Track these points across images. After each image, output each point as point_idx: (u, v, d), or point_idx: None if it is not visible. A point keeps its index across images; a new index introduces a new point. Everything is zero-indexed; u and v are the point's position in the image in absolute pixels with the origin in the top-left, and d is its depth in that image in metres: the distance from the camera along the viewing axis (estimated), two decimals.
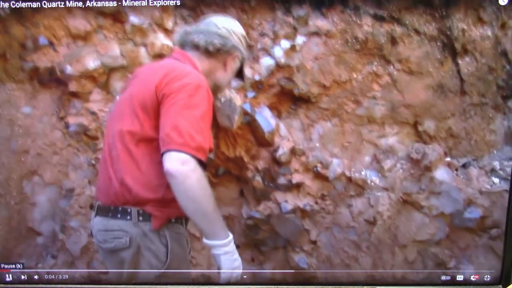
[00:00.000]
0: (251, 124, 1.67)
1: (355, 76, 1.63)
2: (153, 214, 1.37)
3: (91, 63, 1.62)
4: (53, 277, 1.66)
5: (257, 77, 1.63)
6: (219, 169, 1.75)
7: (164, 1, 1.45)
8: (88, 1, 1.47)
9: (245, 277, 1.69)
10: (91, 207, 1.76)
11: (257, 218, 1.76)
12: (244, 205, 1.79)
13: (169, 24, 1.59)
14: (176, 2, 1.45)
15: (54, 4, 1.47)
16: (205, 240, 1.34)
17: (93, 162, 1.73)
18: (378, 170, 1.72)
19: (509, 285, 1.63)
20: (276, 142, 1.70)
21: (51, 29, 1.58)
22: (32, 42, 1.59)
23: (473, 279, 1.65)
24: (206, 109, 1.31)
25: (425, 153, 1.66)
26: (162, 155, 1.27)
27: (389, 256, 1.74)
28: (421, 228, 1.73)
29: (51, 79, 1.65)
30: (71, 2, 1.47)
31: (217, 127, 1.65)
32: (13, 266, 1.66)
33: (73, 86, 1.65)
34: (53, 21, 1.57)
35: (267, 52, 1.62)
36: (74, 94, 1.66)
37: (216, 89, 1.49)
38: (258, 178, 1.73)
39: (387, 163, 1.70)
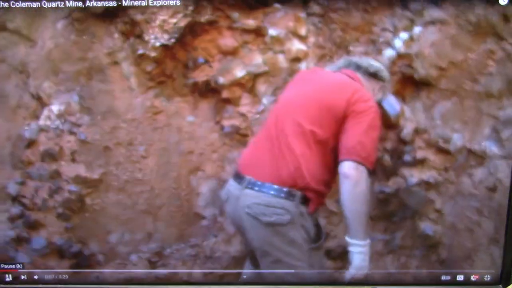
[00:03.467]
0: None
1: (470, 55, 1.59)
2: (312, 200, 1.46)
3: (239, 72, 1.73)
4: (53, 277, 1.62)
5: None
6: None
7: (170, 1, 1.45)
8: (88, 1, 1.43)
9: (244, 277, 1.66)
10: None
11: (387, 193, 1.77)
12: (376, 182, 1.79)
13: (302, 31, 1.65)
14: (177, 2, 1.45)
15: (53, 4, 1.42)
16: (347, 237, 1.42)
17: None
18: (497, 140, 1.66)
19: (509, 285, 1.53)
20: (401, 124, 1.70)
21: (206, 50, 1.72)
22: (192, 62, 1.73)
23: (473, 279, 1.56)
24: (380, 131, 1.45)
25: None
26: (341, 160, 1.40)
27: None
28: None
29: (208, 90, 1.78)
30: (71, 2, 1.44)
31: None
32: (13, 266, 1.60)
33: (225, 94, 1.77)
34: (207, 43, 1.70)
35: (389, 44, 1.64)
36: (227, 101, 1.79)
37: None
38: (387, 157, 1.74)
39: (505, 133, 1.64)
